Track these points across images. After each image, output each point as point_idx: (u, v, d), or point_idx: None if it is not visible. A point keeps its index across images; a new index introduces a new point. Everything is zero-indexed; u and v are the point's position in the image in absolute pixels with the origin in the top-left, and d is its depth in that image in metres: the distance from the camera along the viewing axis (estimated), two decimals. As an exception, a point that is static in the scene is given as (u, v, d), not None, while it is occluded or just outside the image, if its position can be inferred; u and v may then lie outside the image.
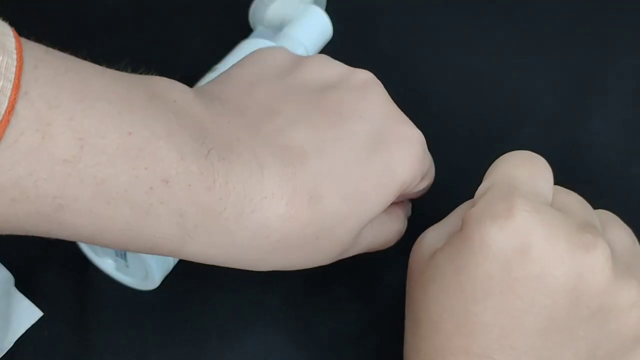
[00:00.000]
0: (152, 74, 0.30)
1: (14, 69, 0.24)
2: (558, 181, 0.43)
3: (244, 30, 0.46)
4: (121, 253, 0.37)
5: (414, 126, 0.33)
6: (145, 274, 0.37)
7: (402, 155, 0.32)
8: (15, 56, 0.24)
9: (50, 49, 0.26)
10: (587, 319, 0.29)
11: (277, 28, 0.45)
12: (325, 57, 0.34)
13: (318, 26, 0.46)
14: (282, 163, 0.29)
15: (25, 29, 0.26)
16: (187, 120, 0.27)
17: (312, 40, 0.45)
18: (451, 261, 0.30)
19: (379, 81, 0.34)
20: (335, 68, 0.34)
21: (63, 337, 0.38)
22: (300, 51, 0.44)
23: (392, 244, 0.36)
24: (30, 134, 0.24)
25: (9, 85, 0.23)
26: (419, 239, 0.34)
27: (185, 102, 0.28)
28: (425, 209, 0.41)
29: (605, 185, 0.43)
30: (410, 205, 0.39)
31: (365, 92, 0.33)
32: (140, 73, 0.29)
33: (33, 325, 0.37)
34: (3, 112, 0.23)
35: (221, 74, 0.33)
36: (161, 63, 0.47)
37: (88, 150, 0.25)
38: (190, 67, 0.43)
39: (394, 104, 0.34)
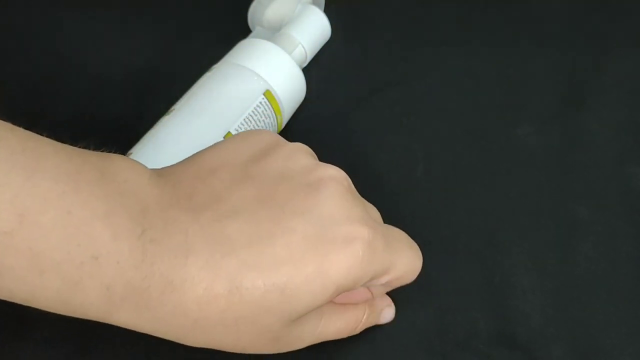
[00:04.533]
0: (111, 152, 0.31)
1: None
2: (555, 180, 0.43)
3: (244, 31, 0.46)
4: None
5: (364, 225, 0.32)
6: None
7: (339, 259, 0.32)
8: None
9: (15, 128, 0.28)
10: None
11: (276, 29, 0.45)
12: (301, 147, 0.35)
13: (316, 26, 0.46)
14: (209, 250, 0.30)
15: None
16: (130, 201, 0.30)
17: (310, 39, 0.45)
18: None
19: (340, 179, 0.33)
20: (302, 160, 0.34)
21: (63, 337, 0.38)
22: (300, 51, 0.44)
23: (346, 334, 0.36)
24: None
25: None
26: None
27: (136, 183, 0.30)
28: (424, 207, 0.42)
29: (601, 185, 0.43)
30: (379, 293, 0.37)
31: (318, 190, 0.33)
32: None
33: (34, 325, 0.37)
34: None
35: (195, 154, 0.34)
36: (161, 63, 0.47)
37: (26, 226, 0.27)
38: (190, 67, 0.43)
39: (350, 200, 0.33)
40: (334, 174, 0.34)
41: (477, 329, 0.38)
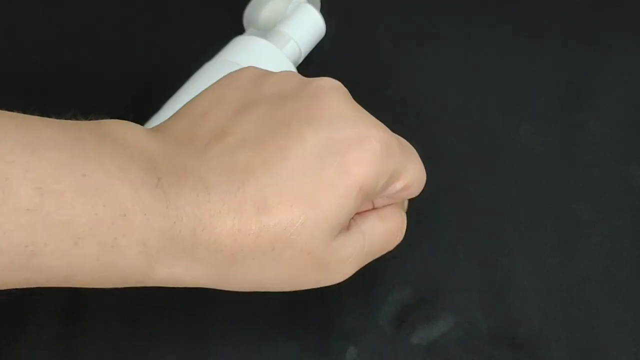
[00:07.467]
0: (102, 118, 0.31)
1: None
2: (555, 180, 0.43)
3: (241, 32, 0.46)
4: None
5: (376, 126, 0.32)
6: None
7: (356, 156, 0.31)
8: None
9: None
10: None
11: (270, 30, 0.45)
12: (289, 72, 0.35)
13: (308, 22, 0.45)
14: (227, 181, 0.30)
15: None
16: (137, 155, 0.29)
17: (302, 35, 0.45)
18: None
19: (338, 86, 0.34)
20: (294, 80, 0.34)
21: (63, 337, 0.38)
22: (292, 47, 0.44)
23: (394, 244, 0.35)
24: None
25: None
26: None
27: (136, 139, 0.30)
28: (424, 207, 0.42)
29: (602, 185, 0.43)
30: (406, 202, 0.37)
31: (318, 99, 0.33)
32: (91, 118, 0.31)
33: (34, 325, 0.37)
34: None
35: (182, 106, 0.34)
36: (160, 63, 0.47)
37: (48, 197, 0.26)
38: (187, 68, 0.43)
39: (354, 105, 0.33)
40: (331, 82, 0.33)
41: (478, 328, 0.38)
